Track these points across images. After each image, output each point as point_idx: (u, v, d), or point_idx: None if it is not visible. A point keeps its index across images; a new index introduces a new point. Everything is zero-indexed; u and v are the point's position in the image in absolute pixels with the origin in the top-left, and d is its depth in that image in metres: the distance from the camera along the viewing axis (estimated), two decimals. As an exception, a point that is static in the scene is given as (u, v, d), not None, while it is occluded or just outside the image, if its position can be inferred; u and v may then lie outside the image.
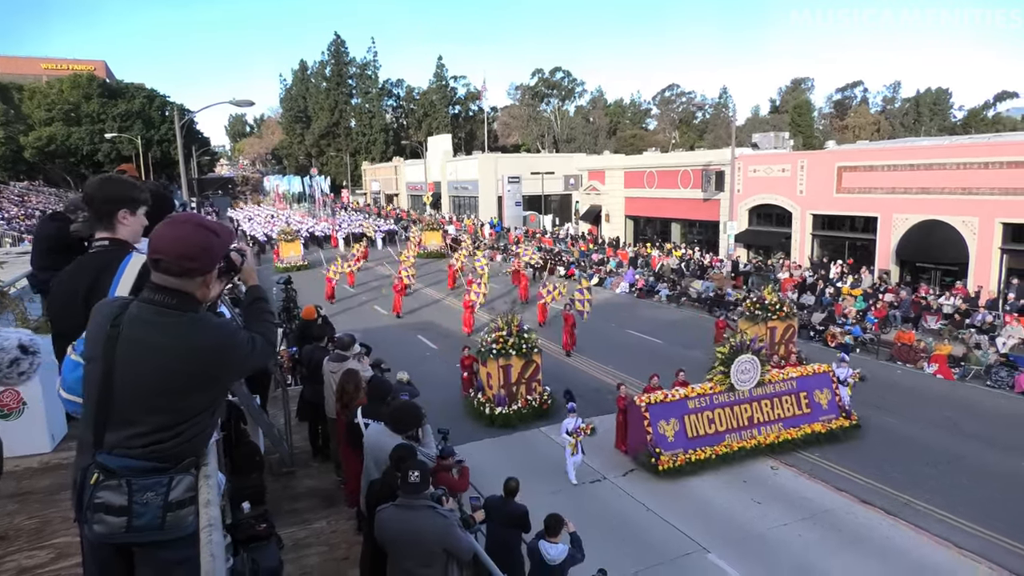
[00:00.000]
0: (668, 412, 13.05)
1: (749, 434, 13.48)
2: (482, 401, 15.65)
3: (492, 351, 15.33)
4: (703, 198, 34.34)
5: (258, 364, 2.68)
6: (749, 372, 13.63)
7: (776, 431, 13.68)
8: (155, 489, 2.38)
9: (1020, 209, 21.58)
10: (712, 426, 13.33)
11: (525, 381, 15.66)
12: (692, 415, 13.24)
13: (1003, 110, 75.32)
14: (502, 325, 15.77)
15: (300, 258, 40.70)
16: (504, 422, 15.11)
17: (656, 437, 12.80)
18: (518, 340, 15.43)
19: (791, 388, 14.23)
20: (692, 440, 13.04)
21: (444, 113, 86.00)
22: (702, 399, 13.41)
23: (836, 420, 14.21)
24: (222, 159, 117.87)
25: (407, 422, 5.30)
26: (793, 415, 13.99)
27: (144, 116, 73.38)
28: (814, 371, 14.72)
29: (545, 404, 15.79)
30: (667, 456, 12.59)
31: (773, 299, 18.95)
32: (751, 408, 13.70)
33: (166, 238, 2.39)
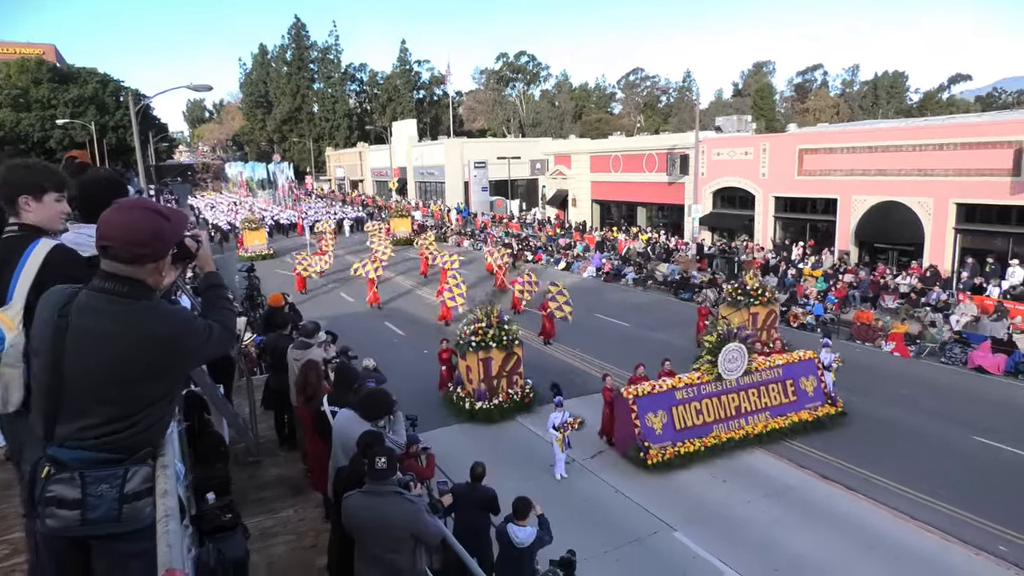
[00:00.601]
0: (656, 404, 12.74)
1: (737, 424, 13.25)
2: (461, 396, 15.15)
3: (472, 344, 14.73)
4: (668, 182, 34.62)
5: (216, 352, 2.63)
6: (736, 361, 13.39)
7: (764, 420, 13.47)
8: (110, 481, 2.32)
9: (973, 190, 22.19)
10: (700, 417, 13.03)
11: (506, 374, 15.10)
12: (680, 406, 12.94)
13: (957, 93, 77.37)
14: (481, 316, 15.19)
15: (265, 247, 39.90)
16: (485, 417, 14.62)
17: (644, 430, 12.43)
18: (499, 332, 14.86)
19: (777, 376, 14.02)
20: (680, 432, 12.73)
21: (408, 98, 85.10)
22: (689, 389, 13.09)
23: (822, 407, 14.07)
24: (181, 145, 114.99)
25: (378, 409, 5.27)
26: (780, 403, 13.79)
27: (97, 101, 71.09)
28: (799, 358, 14.52)
29: (527, 398, 15.32)
30: (656, 450, 12.29)
31: (754, 284, 18.74)
32: (738, 397, 13.47)
33: (114, 224, 2.31)
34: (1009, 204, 21.45)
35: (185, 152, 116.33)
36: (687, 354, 18.70)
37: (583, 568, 7.33)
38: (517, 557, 7.20)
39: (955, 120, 27.49)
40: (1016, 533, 10.08)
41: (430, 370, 18.19)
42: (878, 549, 9.82)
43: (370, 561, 4.45)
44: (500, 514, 7.86)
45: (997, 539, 10.01)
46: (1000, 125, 22.46)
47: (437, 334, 21.89)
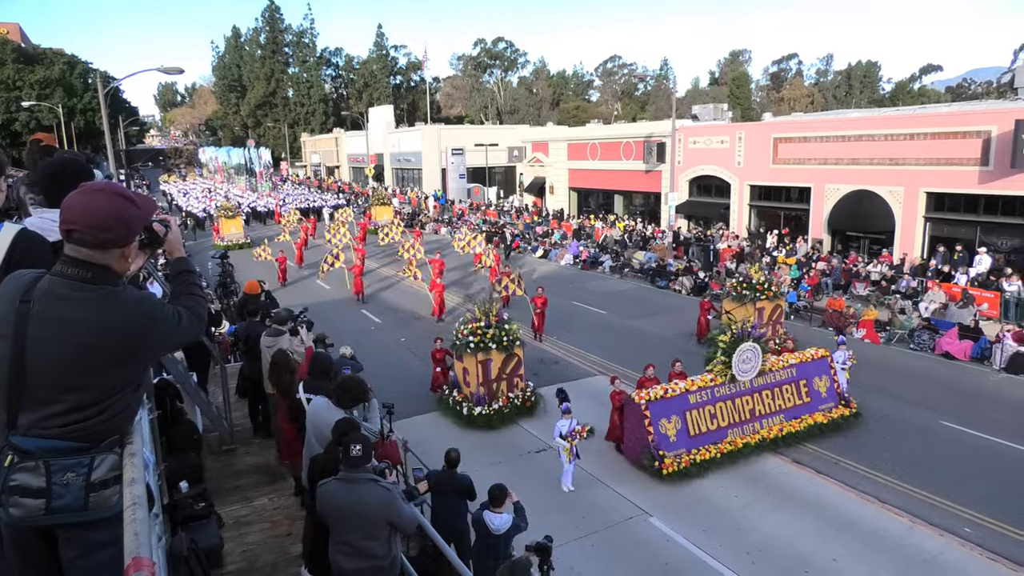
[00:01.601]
0: (669, 409, 11.92)
1: (751, 428, 12.56)
2: (458, 400, 14.13)
3: (470, 345, 13.68)
4: (645, 170, 34.74)
5: (186, 339, 2.60)
6: (751, 361, 12.60)
7: (778, 423, 12.79)
8: (75, 470, 2.29)
9: (943, 179, 22.58)
10: (714, 421, 12.29)
11: (506, 377, 14.10)
12: (694, 411, 12.15)
13: (928, 83, 78.46)
14: (479, 315, 14.13)
15: (242, 235, 38.36)
16: (485, 423, 13.59)
17: (658, 437, 11.61)
18: (498, 332, 13.79)
19: (791, 376, 13.33)
20: (694, 438, 11.98)
21: (385, 83, 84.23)
22: (703, 392, 12.29)
23: (836, 408, 13.45)
24: (152, 129, 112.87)
25: (352, 396, 5.25)
26: (793, 405, 13.14)
27: (65, 84, 69.36)
28: (812, 357, 13.78)
29: (528, 401, 14.32)
30: (671, 458, 11.46)
31: (760, 278, 17.91)
32: (752, 400, 12.74)
33: (79, 207, 2.26)
34: (977, 193, 21.87)
35: (156, 136, 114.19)
36: (663, 342, 18.94)
37: (559, 553, 7.39)
38: (494, 543, 7.24)
39: (926, 110, 27.89)
40: (982, 516, 10.31)
41: (407, 358, 18.19)
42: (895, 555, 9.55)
43: (345, 548, 4.45)
44: (476, 500, 7.90)
45: (964, 522, 10.24)
46: (969, 115, 22.85)
47: (415, 322, 21.87)
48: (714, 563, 9.37)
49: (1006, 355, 16.48)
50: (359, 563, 4.40)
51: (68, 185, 2.47)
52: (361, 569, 4.40)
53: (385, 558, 4.46)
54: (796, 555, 9.52)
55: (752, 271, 18.55)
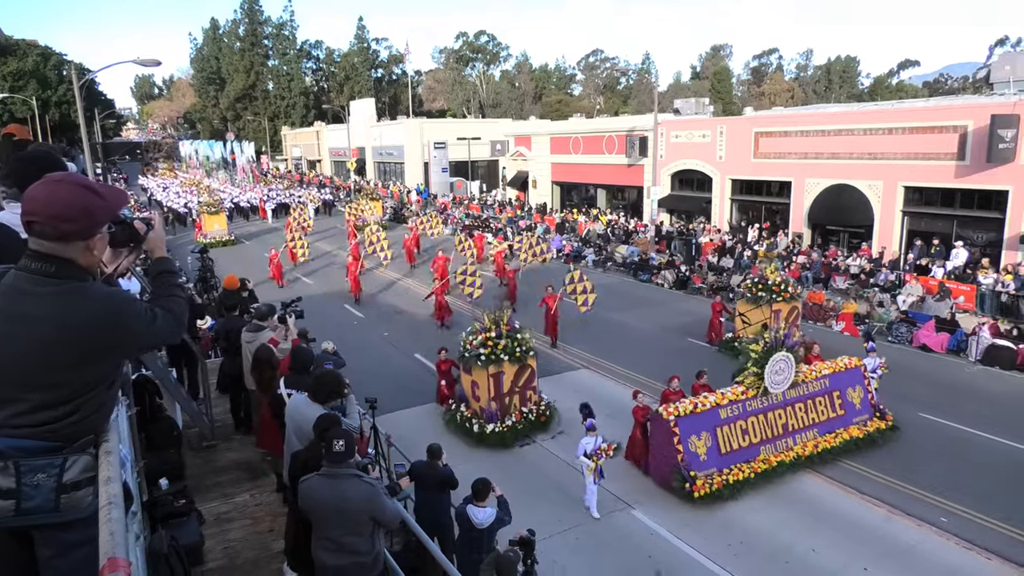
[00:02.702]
0: (699, 425, 11.08)
1: (784, 444, 11.75)
2: (467, 416, 13.09)
3: (480, 357, 12.67)
4: (627, 164, 34.83)
5: (162, 339, 2.54)
6: (784, 372, 11.75)
7: (812, 438, 12.00)
8: (46, 471, 2.24)
9: (920, 173, 22.86)
10: (746, 438, 11.48)
11: (519, 390, 13.16)
12: (725, 426, 11.32)
13: (906, 78, 79.43)
14: (488, 324, 13.05)
15: (226, 232, 36.87)
16: (498, 441, 12.57)
17: (688, 457, 10.78)
18: (510, 342, 12.83)
19: (824, 387, 12.54)
20: (725, 456, 11.17)
21: (367, 77, 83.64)
22: (734, 406, 11.48)
23: (871, 421, 12.71)
24: (129, 122, 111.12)
25: (327, 391, 5.22)
26: (827, 418, 12.36)
27: (38, 75, 68.13)
28: (845, 366, 12.98)
29: (543, 416, 13.32)
30: (702, 479, 10.64)
31: (776, 278, 17.15)
32: (785, 413, 11.94)
33: (39, 198, 2.20)
34: (953, 187, 22.18)
35: (134, 129, 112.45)
36: (645, 335, 19.03)
37: (542, 546, 7.42)
38: (477, 537, 7.26)
39: (904, 105, 28.24)
40: (962, 508, 10.37)
41: (390, 353, 18.14)
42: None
43: (328, 544, 4.42)
44: (458, 488, 7.91)
45: (939, 512, 10.36)
46: (946, 110, 23.15)
47: (397, 317, 21.79)
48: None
49: (981, 347, 16.75)
50: (342, 559, 4.38)
51: (35, 178, 2.41)
52: (344, 565, 4.38)
53: (368, 554, 4.45)
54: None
55: (768, 271, 17.61)
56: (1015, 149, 19.94)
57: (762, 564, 9.25)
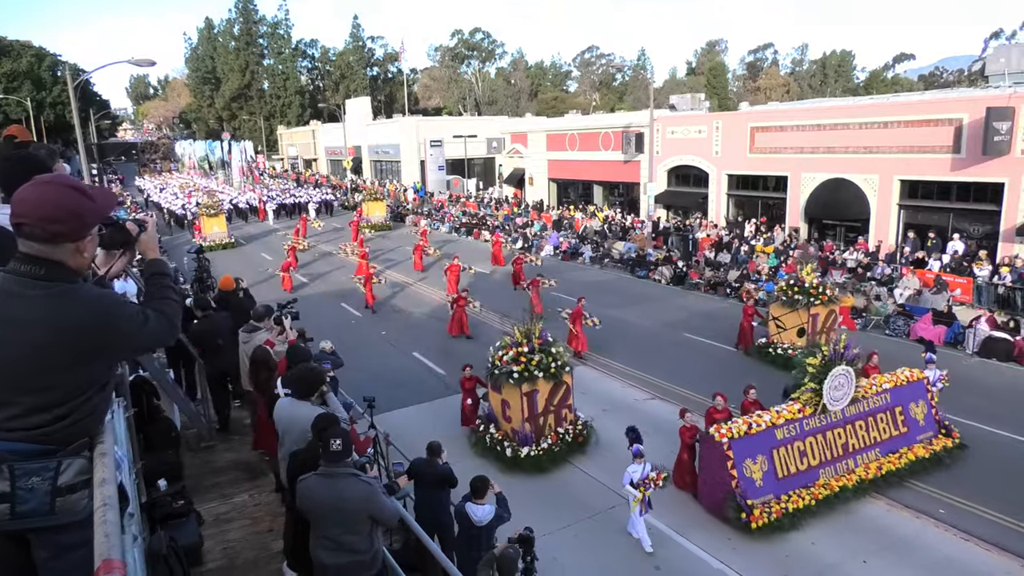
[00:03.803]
0: (754, 447, 10.19)
1: (845, 466, 10.88)
2: (497, 438, 12.09)
3: (512, 375, 11.67)
4: (624, 160, 34.82)
5: (155, 341, 2.53)
6: (843, 388, 10.87)
7: (874, 459, 11.13)
8: (41, 474, 2.23)
9: (916, 167, 22.88)
10: (804, 460, 10.57)
11: (554, 409, 12.15)
12: (781, 448, 10.43)
13: (901, 71, 79.44)
14: (519, 337, 12.05)
15: (226, 234, 35.77)
16: (533, 466, 11.59)
17: (744, 483, 9.90)
18: (545, 357, 11.84)
19: (885, 403, 11.64)
20: (783, 481, 10.28)
21: (362, 75, 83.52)
22: (791, 426, 10.58)
23: (936, 439, 11.80)
24: (124, 123, 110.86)
25: (307, 385, 5.21)
26: (890, 437, 11.47)
27: (33, 76, 68.03)
28: (907, 379, 12.07)
29: (580, 436, 12.29)
30: (760, 508, 9.75)
31: (812, 280, 16.29)
32: (845, 432, 11.04)
33: (28, 200, 2.19)
34: (949, 180, 22.20)
35: (129, 130, 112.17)
36: (645, 332, 19.04)
37: (542, 543, 7.43)
38: (476, 535, 7.27)
39: (899, 98, 28.23)
40: (960, 499, 10.34)
41: (389, 352, 18.13)
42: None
43: (326, 543, 4.43)
44: (457, 487, 7.92)
45: (939, 503, 10.33)
46: (941, 103, 23.15)
47: (395, 316, 21.77)
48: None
49: (978, 340, 16.79)
50: (341, 558, 4.39)
51: (21, 179, 2.40)
52: (343, 564, 4.38)
53: (367, 552, 4.45)
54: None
55: (804, 273, 16.64)
56: (1010, 141, 19.96)
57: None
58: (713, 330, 18.90)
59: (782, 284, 16.77)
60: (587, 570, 9.15)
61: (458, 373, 16.16)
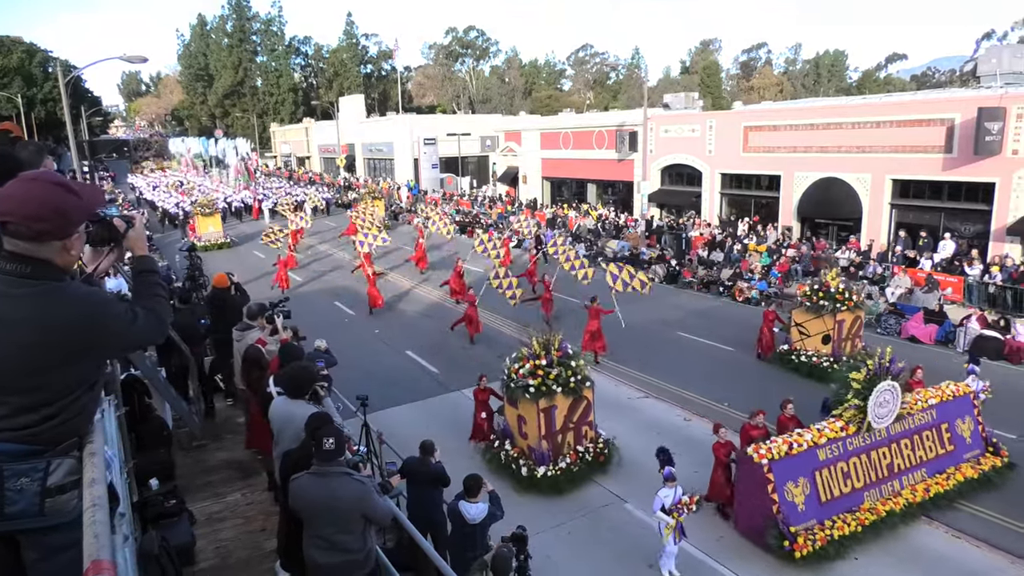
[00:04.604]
0: (796, 469, 9.51)
1: (890, 488, 10.22)
2: (513, 455, 11.39)
3: (529, 389, 10.97)
4: (617, 159, 34.84)
5: (144, 339, 2.51)
6: (888, 404, 10.18)
7: (921, 480, 10.49)
8: (30, 475, 2.21)
9: (908, 166, 22.99)
10: (848, 482, 9.89)
11: (573, 426, 11.40)
12: (824, 469, 9.76)
13: (893, 71, 79.77)
14: (537, 349, 11.33)
15: (221, 234, 35.04)
16: (551, 486, 10.90)
17: (785, 507, 9.21)
18: (564, 371, 11.11)
19: (931, 420, 10.93)
20: (826, 505, 9.61)
21: (356, 73, 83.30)
22: (834, 446, 9.90)
23: (984, 457, 11.15)
24: (116, 120, 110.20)
25: (298, 385, 5.19)
26: (936, 456, 10.77)
27: (24, 72, 67.56)
28: (952, 393, 11.36)
29: (601, 455, 11.52)
30: (803, 535, 9.05)
31: (837, 284, 15.65)
32: (889, 452, 10.38)
33: (14, 198, 2.16)
34: (941, 180, 22.32)
35: (121, 127, 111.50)
36: (637, 329, 19.05)
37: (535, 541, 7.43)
38: (470, 533, 7.27)
39: (892, 98, 28.35)
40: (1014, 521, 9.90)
41: (382, 350, 18.10)
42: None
43: (319, 542, 4.42)
44: (450, 485, 7.92)
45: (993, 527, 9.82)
46: (933, 103, 23.26)
47: (388, 314, 21.72)
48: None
49: (969, 338, 16.88)
50: (334, 557, 4.38)
51: (3, 178, 2.38)
52: (336, 563, 4.38)
53: (360, 551, 4.44)
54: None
55: (829, 277, 15.94)
56: (1001, 141, 20.07)
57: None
58: (706, 329, 18.95)
59: (807, 290, 16.00)
60: (581, 568, 9.16)
61: (451, 371, 16.33)
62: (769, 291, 22.10)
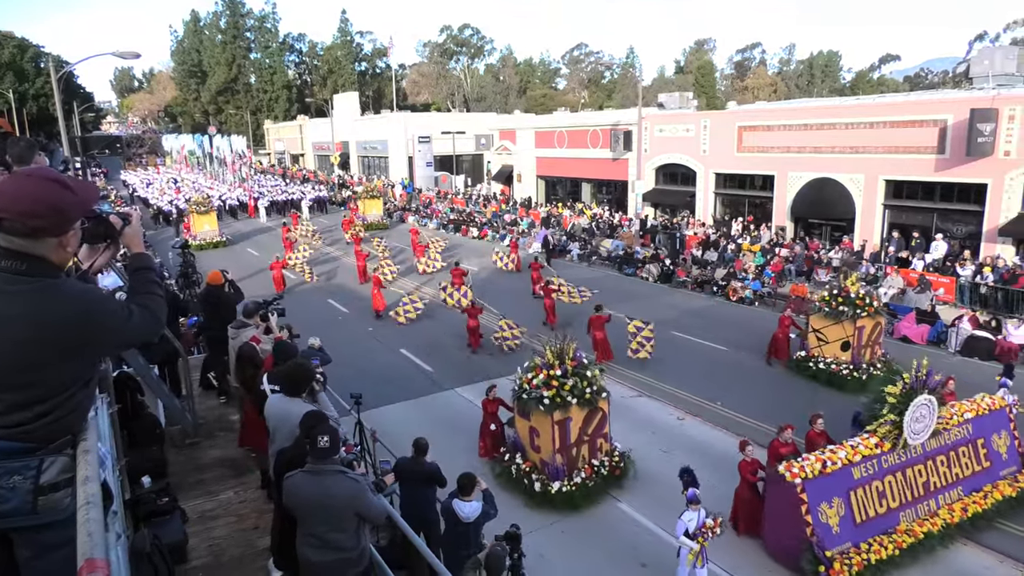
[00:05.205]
0: (830, 489, 9.02)
1: (926, 507, 9.74)
2: (524, 469, 10.92)
3: (543, 400, 10.53)
4: (612, 158, 34.88)
5: (140, 336, 2.48)
6: (925, 419, 9.72)
7: (957, 499, 10.00)
8: (23, 472, 2.20)
9: (901, 167, 23.09)
10: (883, 502, 9.41)
11: (588, 439, 10.98)
12: (859, 489, 9.27)
13: (887, 72, 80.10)
14: (551, 358, 10.90)
15: (217, 233, 34.42)
16: (566, 502, 10.44)
17: (819, 529, 8.72)
18: (579, 381, 10.68)
19: (967, 435, 10.44)
20: (861, 527, 9.11)
21: (350, 70, 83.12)
22: (868, 464, 9.41)
23: (1022, 474, 10.71)
24: (109, 116, 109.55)
25: (295, 382, 5.17)
26: (972, 473, 10.29)
27: (15, 68, 67.12)
28: (988, 407, 10.86)
29: (617, 469, 11.12)
30: (840, 561, 8.59)
31: (857, 289, 15.26)
32: (925, 469, 9.90)
33: (7, 194, 2.15)
34: (934, 181, 22.43)
35: (114, 123, 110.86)
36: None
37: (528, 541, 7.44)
38: (464, 532, 7.26)
39: (885, 99, 28.46)
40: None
41: (376, 348, 18.08)
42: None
43: (313, 541, 4.40)
44: (445, 486, 7.90)
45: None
46: (926, 104, 23.37)
47: (383, 312, 21.66)
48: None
49: (961, 338, 16.97)
50: (327, 555, 4.37)
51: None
52: (329, 561, 4.36)
53: (354, 550, 4.43)
54: None
55: (849, 282, 15.51)
56: (994, 143, 20.18)
57: None
58: (700, 328, 19.00)
59: (825, 295, 15.60)
60: (575, 567, 9.17)
61: (445, 370, 16.33)
62: (763, 291, 22.18)
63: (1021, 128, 19.85)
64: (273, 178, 58.07)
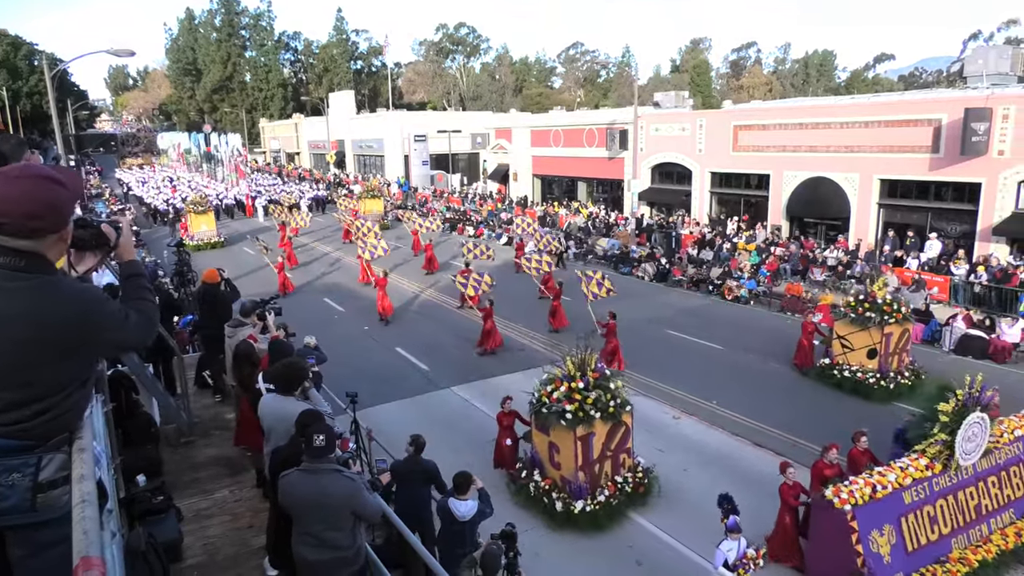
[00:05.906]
0: (881, 515, 8.33)
1: (979, 533, 9.07)
2: (544, 487, 10.33)
3: (564, 415, 9.93)
4: (608, 157, 34.89)
5: (134, 340, 2.50)
6: (977, 439, 9.00)
7: (1010, 523, 9.38)
8: (21, 470, 2.19)
9: (896, 166, 23.16)
10: (935, 528, 8.72)
11: (611, 454, 10.39)
12: (910, 514, 8.58)
13: (881, 72, 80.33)
14: (572, 369, 10.29)
15: (215, 233, 33.99)
16: (590, 522, 9.85)
17: (870, 559, 8.05)
18: (603, 394, 10.10)
19: (1017, 453, 9.75)
20: (912, 556, 8.45)
21: (346, 68, 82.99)
22: (919, 487, 8.69)
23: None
24: (103, 114, 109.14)
25: (288, 381, 5.16)
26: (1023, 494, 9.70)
27: (9, 65, 66.71)
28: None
29: (640, 486, 10.51)
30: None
31: (884, 295, 14.64)
32: (977, 492, 9.18)
33: (9, 199, 2.13)
34: (928, 180, 22.50)
35: (108, 121, 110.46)
36: (628, 328, 19.06)
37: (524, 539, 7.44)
38: (459, 530, 7.26)
39: (880, 99, 28.52)
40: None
41: (371, 347, 18.05)
42: None
43: (309, 540, 4.40)
44: (446, 492, 7.89)
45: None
46: (921, 104, 23.43)
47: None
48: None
49: (955, 337, 17.03)
50: (323, 554, 4.36)
51: None
52: (325, 560, 4.36)
53: (349, 548, 4.43)
54: None
55: (876, 287, 14.87)
56: (988, 142, 20.25)
57: None
58: (696, 327, 19.03)
59: (851, 301, 15.08)
60: (570, 566, 9.17)
61: (442, 368, 16.32)
62: (758, 290, 22.22)
63: (1015, 127, 19.93)
64: (271, 177, 57.91)
